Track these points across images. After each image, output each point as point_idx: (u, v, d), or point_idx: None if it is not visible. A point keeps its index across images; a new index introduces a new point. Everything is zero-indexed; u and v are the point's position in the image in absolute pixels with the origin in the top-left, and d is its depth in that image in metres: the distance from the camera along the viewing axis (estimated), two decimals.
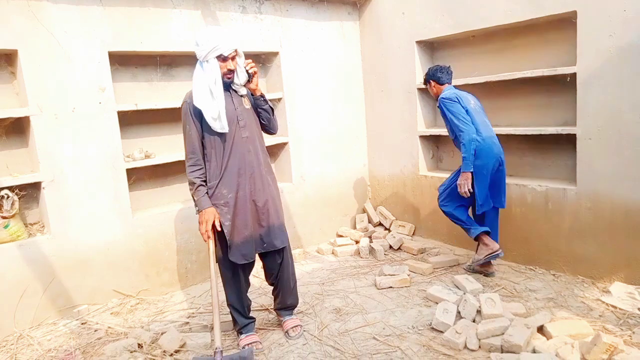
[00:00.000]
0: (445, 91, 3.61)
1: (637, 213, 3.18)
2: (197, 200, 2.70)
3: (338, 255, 4.50)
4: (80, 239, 3.46)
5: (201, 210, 2.68)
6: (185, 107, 2.70)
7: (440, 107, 3.60)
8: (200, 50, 2.62)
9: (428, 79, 3.76)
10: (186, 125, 2.70)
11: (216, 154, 2.72)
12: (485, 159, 3.44)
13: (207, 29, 2.69)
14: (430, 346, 2.77)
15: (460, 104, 3.48)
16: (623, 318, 2.89)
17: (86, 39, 3.41)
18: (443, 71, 3.68)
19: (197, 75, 2.66)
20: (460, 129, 3.41)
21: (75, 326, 3.28)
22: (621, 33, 3.11)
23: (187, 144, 2.72)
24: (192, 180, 2.69)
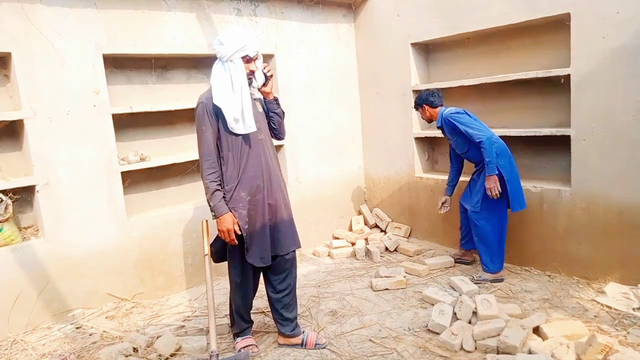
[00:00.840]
0: (445, 110, 3.71)
1: (631, 213, 3.20)
2: (215, 206, 2.62)
3: (334, 257, 4.50)
4: (74, 242, 3.44)
5: (219, 216, 2.62)
6: (202, 108, 2.61)
7: (447, 123, 3.66)
8: (225, 50, 2.57)
9: (420, 104, 3.83)
10: (202, 127, 2.61)
11: (234, 157, 2.65)
12: (507, 156, 3.51)
13: (232, 29, 2.66)
14: (427, 348, 2.77)
15: (467, 114, 3.61)
16: (618, 318, 2.90)
17: (80, 42, 3.39)
18: (435, 95, 3.78)
19: (218, 75, 2.60)
20: (478, 136, 3.44)
21: (70, 330, 3.26)
22: (614, 35, 3.13)
23: (203, 145, 2.62)
24: (208, 185, 2.60)
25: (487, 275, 3.61)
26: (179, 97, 4.10)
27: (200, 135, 2.62)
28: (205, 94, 2.65)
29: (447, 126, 3.68)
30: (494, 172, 3.41)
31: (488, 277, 3.60)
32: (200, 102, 2.62)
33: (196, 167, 4.22)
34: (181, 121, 4.17)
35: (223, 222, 2.62)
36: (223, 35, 2.60)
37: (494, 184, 3.42)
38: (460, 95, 4.52)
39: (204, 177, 2.61)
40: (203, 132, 2.61)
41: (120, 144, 3.79)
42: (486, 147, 3.40)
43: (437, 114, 3.75)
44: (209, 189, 2.61)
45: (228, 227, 2.61)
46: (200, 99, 2.64)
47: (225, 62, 2.59)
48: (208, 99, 2.60)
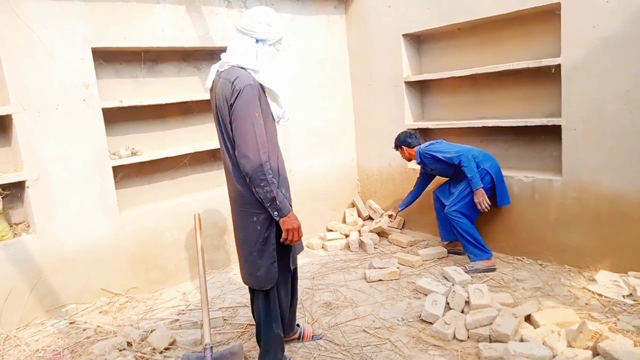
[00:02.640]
0: (420, 150, 3.93)
1: (621, 202, 3.22)
2: (282, 204, 2.26)
3: (328, 249, 4.51)
4: (66, 237, 3.42)
5: (286, 214, 2.29)
6: (252, 90, 2.22)
7: (425, 157, 3.87)
8: (273, 32, 2.33)
9: (399, 145, 4.08)
10: (254, 112, 2.21)
11: (272, 149, 2.36)
12: (491, 160, 3.73)
13: (268, 10, 2.37)
14: (420, 337, 2.79)
15: (441, 144, 3.88)
16: (608, 306, 2.93)
17: (68, 35, 3.35)
18: (412, 136, 4.03)
19: (267, 57, 2.34)
20: (455, 157, 3.65)
21: (63, 326, 3.25)
22: (604, 24, 3.13)
23: (258, 134, 2.21)
24: (270, 180, 2.21)
25: (479, 265, 3.65)
26: (169, 90, 4.07)
27: (254, 121, 2.21)
28: (243, 77, 2.24)
29: (427, 159, 3.88)
30: (479, 186, 3.59)
31: (480, 267, 3.63)
32: (247, 84, 2.21)
33: (188, 160, 4.21)
34: (172, 115, 4.15)
35: (292, 219, 2.31)
36: (266, 15, 2.32)
37: (482, 197, 3.60)
38: (452, 86, 4.52)
39: (265, 170, 2.20)
40: (257, 119, 2.22)
41: (111, 138, 3.77)
42: (466, 165, 3.59)
43: (415, 153, 3.97)
44: (272, 183, 2.23)
45: (298, 223, 2.33)
46: (242, 81, 2.21)
47: (270, 45, 2.36)
48: (255, 82, 2.26)
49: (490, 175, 3.65)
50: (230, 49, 2.36)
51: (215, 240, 4.18)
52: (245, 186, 2.31)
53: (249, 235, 2.38)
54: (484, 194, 3.60)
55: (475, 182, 3.58)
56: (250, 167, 2.19)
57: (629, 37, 3.04)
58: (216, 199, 4.13)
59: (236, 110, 2.20)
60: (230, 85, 2.22)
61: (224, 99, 2.25)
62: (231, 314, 3.34)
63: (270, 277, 2.40)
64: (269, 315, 2.46)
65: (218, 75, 2.35)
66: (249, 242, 2.39)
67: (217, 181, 4.40)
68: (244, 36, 2.33)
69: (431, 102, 4.78)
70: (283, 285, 2.55)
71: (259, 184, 2.21)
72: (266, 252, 2.37)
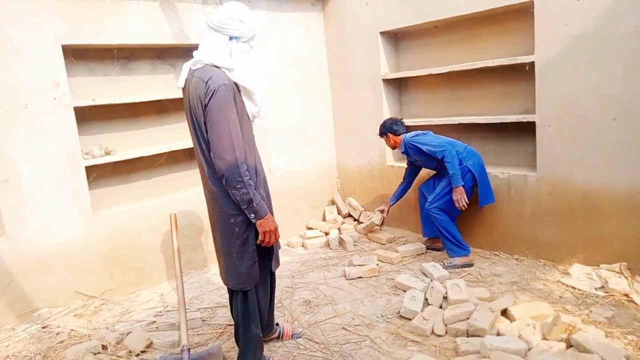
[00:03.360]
0: (405, 138, 3.89)
1: (593, 197, 3.29)
2: (258, 206, 2.22)
3: (308, 247, 4.50)
4: (38, 240, 3.33)
5: (264, 216, 2.26)
6: (227, 90, 2.16)
7: (410, 147, 3.82)
8: (246, 29, 2.28)
9: (385, 132, 4.00)
10: (230, 113, 2.16)
11: (249, 149, 2.32)
12: (474, 157, 3.70)
13: (241, 6, 2.30)
14: (399, 334, 2.80)
15: (427, 135, 3.80)
16: (581, 298, 3.00)
17: (38, 32, 3.25)
18: (398, 124, 3.95)
19: (242, 55, 2.29)
20: (439, 152, 3.62)
21: (35, 330, 3.16)
22: (576, 22, 3.19)
23: (233, 135, 2.16)
24: (246, 181, 2.17)
25: (457, 261, 3.68)
26: (144, 88, 3.99)
27: (229, 122, 2.15)
28: (217, 76, 2.18)
29: (411, 149, 3.84)
30: (459, 183, 3.57)
31: (458, 263, 3.67)
32: (222, 84, 2.15)
33: (164, 159, 4.14)
34: (147, 113, 4.07)
35: (269, 221, 2.28)
36: (239, 11, 2.27)
37: (461, 196, 3.59)
38: (430, 84, 4.55)
39: (242, 172, 2.16)
40: (232, 119, 2.16)
41: (84, 137, 3.68)
42: (449, 161, 3.57)
43: (401, 141, 3.92)
44: (249, 186, 2.19)
45: (275, 225, 2.31)
46: (216, 81, 2.15)
47: (244, 42, 2.31)
48: (229, 81, 2.21)
49: (472, 173, 3.65)
50: (202, 47, 2.30)
51: (193, 240, 4.13)
52: (221, 187, 2.27)
53: (227, 237, 2.35)
54: (463, 192, 3.59)
55: (456, 179, 3.58)
56: (226, 169, 2.14)
57: (599, 35, 3.10)
58: (193, 198, 4.08)
59: (211, 111, 2.15)
60: (204, 85, 2.16)
61: (197, 98, 2.20)
62: (210, 314, 3.30)
63: (250, 278, 2.38)
64: (248, 315, 2.44)
65: (191, 74, 2.29)
66: (228, 244, 2.35)
67: (193, 180, 4.34)
68: (216, 33, 2.27)
69: (409, 100, 4.81)
70: (262, 286, 2.52)
71: (235, 186, 2.17)
72: (246, 254, 2.34)
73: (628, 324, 2.66)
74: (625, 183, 3.13)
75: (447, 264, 3.68)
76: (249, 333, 2.45)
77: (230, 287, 2.45)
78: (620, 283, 3.02)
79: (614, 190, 3.19)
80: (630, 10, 2.95)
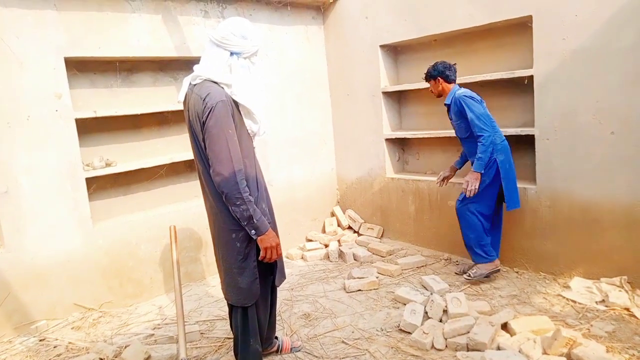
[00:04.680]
0: (458, 89, 3.50)
1: (593, 210, 3.30)
2: (259, 222, 2.22)
3: (307, 259, 4.48)
4: (37, 251, 3.32)
5: (264, 232, 2.24)
6: (225, 107, 2.16)
7: (456, 104, 3.44)
8: (249, 46, 2.28)
9: (435, 75, 3.54)
10: (228, 130, 2.16)
11: (249, 164, 2.32)
12: (507, 154, 3.42)
13: (245, 22, 2.30)
14: (399, 347, 2.79)
15: (482, 105, 3.42)
16: (582, 312, 2.98)
17: (40, 44, 3.28)
18: (451, 69, 3.54)
19: (243, 71, 2.29)
20: (480, 128, 3.30)
21: (33, 343, 3.14)
22: (573, 37, 3.23)
23: (232, 151, 2.16)
24: (245, 197, 2.17)
25: (482, 269, 3.50)
26: (145, 100, 4.01)
27: (227, 139, 2.15)
28: (215, 93, 2.18)
29: (455, 106, 3.46)
30: (481, 170, 3.33)
31: (484, 271, 3.49)
32: (219, 101, 2.15)
33: (165, 171, 4.15)
34: (148, 125, 4.09)
35: (270, 237, 2.26)
36: (241, 27, 2.26)
37: (474, 181, 3.34)
38: (429, 97, 4.57)
39: (241, 189, 2.16)
40: (230, 136, 2.17)
41: (85, 149, 3.69)
42: (484, 143, 3.29)
43: (450, 90, 3.53)
44: (249, 202, 2.18)
45: (277, 240, 2.29)
46: (213, 98, 2.15)
47: (245, 58, 2.30)
48: (227, 97, 2.21)
49: (496, 169, 3.37)
50: (203, 61, 2.30)
51: (193, 253, 4.12)
52: (221, 203, 2.27)
53: (228, 252, 2.34)
54: (478, 179, 3.33)
55: (480, 164, 3.30)
56: (225, 186, 2.14)
57: (596, 50, 3.13)
58: (193, 210, 4.07)
59: (209, 128, 2.14)
60: (201, 102, 2.16)
61: (196, 115, 2.20)
62: (208, 327, 3.28)
63: (251, 295, 2.37)
64: (247, 331, 2.43)
65: (190, 89, 2.30)
66: (229, 259, 2.34)
67: (194, 192, 4.35)
68: (217, 48, 2.26)
69: (409, 112, 4.84)
70: (262, 302, 2.51)
71: (235, 203, 2.17)
72: (247, 269, 2.33)
73: (629, 338, 2.65)
74: (624, 196, 3.14)
75: (473, 274, 3.50)
76: (248, 348, 2.43)
77: (231, 302, 2.44)
78: (621, 297, 3.01)
79: (613, 203, 3.19)
80: (627, 25, 2.99)
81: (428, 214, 4.42)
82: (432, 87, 3.63)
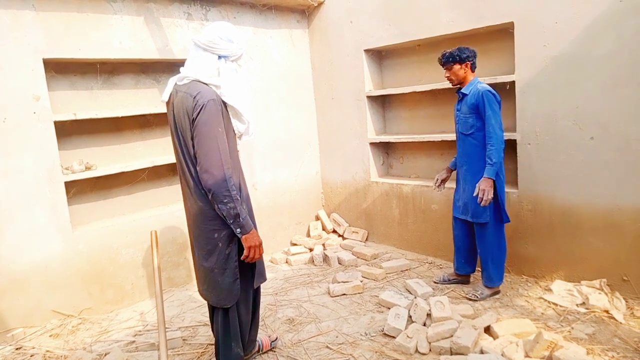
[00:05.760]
0: (479, 82, 3.28)
1: (573, 213, 3.35)
2: (245, 220, 2.23)
3: (292, 264, 4.46)
4: (13, 257, 3.24)
5: (249, 231, 2.26)
6: (215, 106, 2.18)
7: (476, 97, 3.18)
8: (236, 49, 2.32)
9: (463, 60, 3.22)
10: (218, 128, 2.18)
11: (234, 165, 2.33)
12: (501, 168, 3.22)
13: (229, 26, 2.34)
14: (383, 352, 2.78)
15: (496, 106, 3.18)
16: (563, 315, 3.02)
17: (17, 45, 3.21)
18: (476, 58, 3.28)
19: (231, 73, 2.32)
20: (495, 131, 3.10)
21: (8, 352, 3.05)
22: (554, 44, 3.28)
23: (222, 149, 2.17)
24: (234, 195, 2.18)
25: (488, 291, 3.37)
26: (126, 103, 3.95)
27: (217, 137, 2.17)
28: (206, 91, 2.20)
29: (473, 98, 3.20)
30: (493, 175, 3.10)
31: (489, 292, 3.37)
32: (211, 99, 2.17)
33: (146, 175, 4.08)
34: (129, 128, 4.03)
35: (254, 237, 2.28)
36: (228, 31, 2.30)
37: (490, 188, 3.09)
38: (413, 101, 4.61)
39: (229, 186, 2.17)
40: (220, 134, 2.18)
41: (64, 152, 3.62)
42: (497, 148, 3.08)
43: (471, 80, 3.29)
44: (236, 200, 2.19)
45: (260, 240, 2.31)
46: (205, 96, 2.17)
47: (232, 61, 2.35)
48: (217, 97, 2.23)
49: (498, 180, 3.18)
50: (189, 64, 2.31)
51: (175, 257, 4.06)
52: (206, 202, 2.26)
53: (209, 252, 2.33)
54: (492, 187, 3.09)
55: (493, 170, 3.07)
56: (213, 183, 2.14)
57: (576, 56, 3.19)
58: (175, 214, 4.02)
59: (199, 126, 2.15)
60: (192, 100, 2.17)
61: (184, 113, 2.20)
62: (191, 333, 3.24)
63: (232, 295, 2.37)
64: (228, 333, 2.41)
65: (176, 89, 2.31)
66: (210, 260, 2.33)
67: (176, 196, 4.29)
68: (204, 52, 2.29)
69: (393, 116, 4.86)
70: (244, 303, 2.50)
71: (222, 200, 2.17)
72: (228, 269, 2.34)
73: (608, 340, 2.69)
74: (603, 201, 3.19)
75: (480, 296, 3.34)
76: (230, 352, 2.42)
77: (212, 303, 2.43)
78: (601, 299, 3.05)
79: (593, 207, 3.25)
80: (605, 33, 3.05)
81: (412, 217, 4.44)
82: (453, 72, 3.28)
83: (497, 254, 3.31)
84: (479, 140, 3.25)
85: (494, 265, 3.31)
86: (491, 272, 3.33)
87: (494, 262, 3.31)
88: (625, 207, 3.11)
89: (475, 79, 3.31)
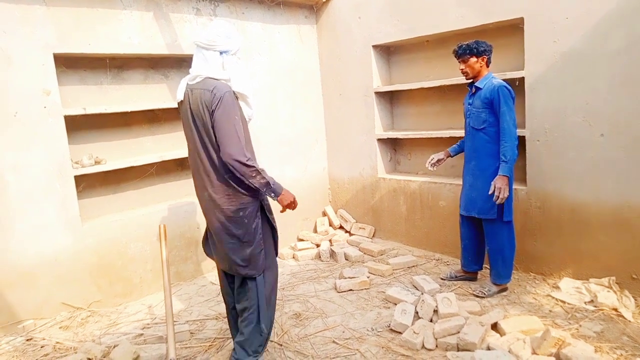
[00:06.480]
0: (494, 77, 3.26)
1: (582, 211, 3.32)
2: (275, 185, 2.51)
3: (299, 259, 4.47)
4: (24, 250, 3.28)
5: (281, 192, 2.54)
6: (231, 96, 2.44)
7: (491, 91, 3.15)
8: (234, 43, 2.52)
9: (480, 53, 3.19)
10: (235, 116, 2.42)
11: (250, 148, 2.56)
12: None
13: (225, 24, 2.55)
14: (389, 347, 2.79)
15: (511, 102, 3.16)
16: (571, 312, 3.01)
17: (28, 40, 3.23)
18: (492, 53, 3.27)
19: (234, 65, 2.54)
20: (510, 127, 3.09)
21: (19, 343, 3.09)
22: (564, 39, 3.25)
23: (240, 134, 2.42)
24: (259, 169, 2.44)
25: (495, 288, 3.37)
26: (135, 97, 3.98)
27: (235, 123, 2.41)
28: (221, 85, 2.43)
29: (488, 92, 3.17)
30: (509, 173, 3.09)
31: (496, 290, 3.36)
32: (226, 92, 2.41)
33: (155, 169, 4.11)
34: (138, 123, 4.05)
35: (287, 195, 2.58)
36: (225, 29, 2.50)
37: (506, 186, 3.08)
38: (421, 97, 4.59)
39: (254, 162, 2.45)
40: (237, 122, 2.43)
41: (74, 146, 3.65)
42: (510, 145, 3.08)
43: (486, 75, 3.27)
44: (262, 171, 2.46)
45: (292, 195, 2.60)
46: (221, 89, 2.40)
47: (233, 55, 2.55)
48: (230, 89, 2.46)
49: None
50: (196, 64, 2.52)
51: (183, 251, 4.09)
52: (228, 185, 2.47)
53: (236, 229, 2.51)
54: (507, 185, 3.08)
55: (509, 167, 3.06)
56: (238, 163, 2.38)
57: (586, 52, 3.16)
58: (184, 208, 4.05)
59: (219, 115, 2.38)
60: (210, 94, 2.39)
61: (204, 107, 2.40)
62: (198, 327, 3.26)
63: (258, 265, 2.57)
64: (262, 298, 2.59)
65: (189, 88, 2.49)
66: (236, 235, 2.52)
67: (184, 191, 4.32)
68: (207, 51, 2.48)
69: (401, 112, 4.85)
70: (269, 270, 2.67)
71: (251, 175, 2.41)
72: (255, 242, 2.55)
73: (617, 338, 2.68)
74: (612, 198, 3.17)
75: (487, 292, 3.34)
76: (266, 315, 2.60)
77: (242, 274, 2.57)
78: (609, 297, 3.04)
79: (602, 205, 3.22)
80: (616, 29, 3.01)
81: (419, 214, 4.43)
82: (469, 64, 3.23)
83: (507, 251, 3.29)
84: (490, 136, 3.22)
85: (503, 262, 3.29)
86: (500, 270, 3.31)
87: (503, 260, 3.29)
88: (635, 205, 3.08)
89: (489, 73, 3.29)
